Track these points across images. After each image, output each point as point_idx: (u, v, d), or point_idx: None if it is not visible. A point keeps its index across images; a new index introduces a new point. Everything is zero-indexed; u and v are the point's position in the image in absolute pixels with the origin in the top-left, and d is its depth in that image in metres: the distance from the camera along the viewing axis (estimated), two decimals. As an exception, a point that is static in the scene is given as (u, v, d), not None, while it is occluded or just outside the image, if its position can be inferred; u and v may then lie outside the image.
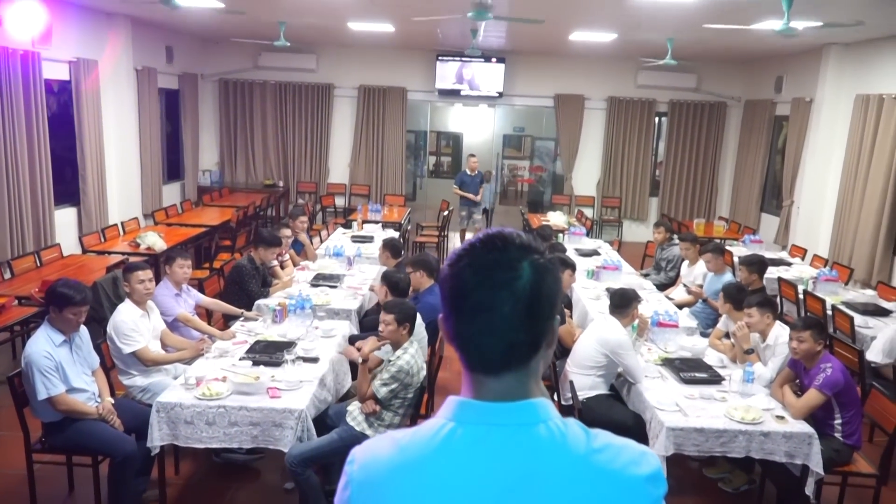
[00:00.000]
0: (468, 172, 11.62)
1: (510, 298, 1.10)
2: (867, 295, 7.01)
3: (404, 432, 1.16)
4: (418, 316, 4.61)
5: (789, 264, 8.44)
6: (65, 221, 8.74)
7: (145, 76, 10.45)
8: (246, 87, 12.93)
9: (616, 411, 4.50)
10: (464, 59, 12.51)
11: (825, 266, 7.92)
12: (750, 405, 4.06)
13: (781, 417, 3.97)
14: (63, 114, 8.88)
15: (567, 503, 1.07)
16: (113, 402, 4.08)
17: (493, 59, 12.70)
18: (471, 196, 11.53)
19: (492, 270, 1.11)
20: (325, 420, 4.21)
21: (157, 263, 7.12)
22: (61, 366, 3.81)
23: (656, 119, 13.31)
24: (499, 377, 1.13)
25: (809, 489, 3.90)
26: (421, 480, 1.10)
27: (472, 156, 11.82)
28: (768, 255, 8.85)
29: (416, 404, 4.17)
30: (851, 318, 5.90)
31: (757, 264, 6.27)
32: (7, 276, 6.53)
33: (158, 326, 4.71)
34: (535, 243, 1.15)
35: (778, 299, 7.10)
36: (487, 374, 1.13)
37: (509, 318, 1.10)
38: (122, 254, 7.58)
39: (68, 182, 8.94)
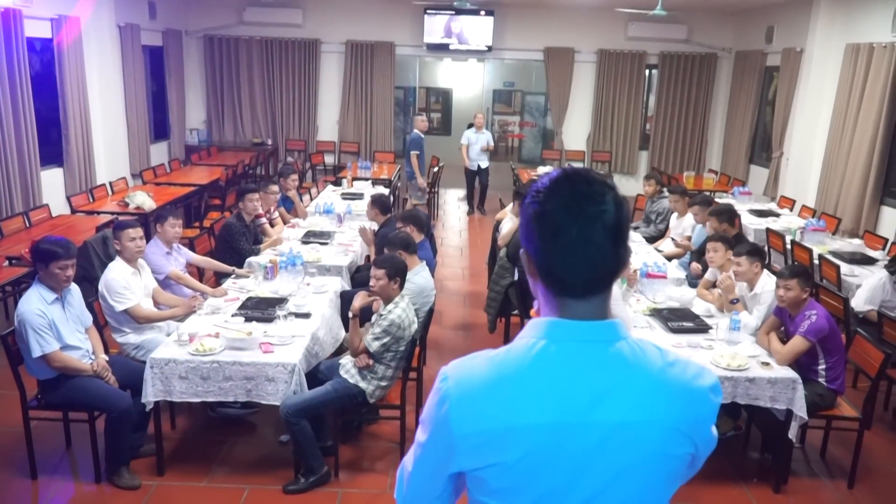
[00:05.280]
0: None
1: (601, 230, 1.19)
2: (854, 244, 7.08)
3: (497, 351, 1.26)
4: (424, 266, 4.94)
5: (778, 215, 8.49)
6: (52, 182, 8.67)
7: (128, 33, 10.27)
8: (231, 44, 12.73)
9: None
10: (452, 12, 12.34)
11: (813, 216, 7.97)
12: (736, 352, 4.13)
13: (767, 364, 4.05)
14: (46, 73, 8.75)
15: (648, 410, 1.22)
16: (107, 359, 4.12)
17: (482, 12, 12.52)
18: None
19: (584, 206, 1.19)
20: (316, 375, 4.27)
21: (147, 222, 7.09)
22: (54, 323, 3.84)
23: (647, 72, 13.21)
24: (587, 300, 1.24)
25: (793, 433, 3.99)
26: (519, 393, 1.20)
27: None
28: (757, 206, 8.92)
29: (408, 357, 4.22)
30: (838, 267, 5.97)
31: (726, 213, 5.97)
32: (-4, 237, 6.50)
33: (150, 284, 4.73)
34: (608, 178, 1.24)
35: (766, 249, 7.16)
36: (578, 297, 1.24)
37: (601, 247, 1.19)
38: (112, 213, 7.56)
39: (53, 142, 8.84)
